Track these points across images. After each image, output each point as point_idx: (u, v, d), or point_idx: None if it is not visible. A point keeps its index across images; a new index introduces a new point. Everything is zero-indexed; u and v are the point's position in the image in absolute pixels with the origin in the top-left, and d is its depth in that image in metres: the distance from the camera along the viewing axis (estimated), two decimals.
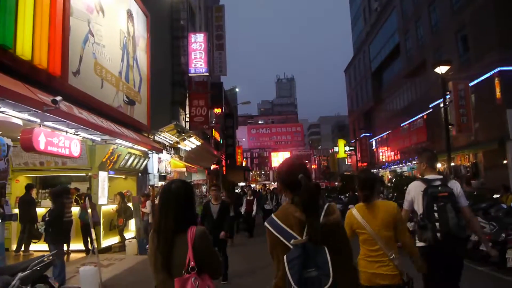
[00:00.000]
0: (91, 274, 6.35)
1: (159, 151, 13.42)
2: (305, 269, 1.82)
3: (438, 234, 3.50)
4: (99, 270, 6.45)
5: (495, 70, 18.88)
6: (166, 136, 15.80)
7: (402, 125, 34.04)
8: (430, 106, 26.76)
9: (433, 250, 3.58)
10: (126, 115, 11.55)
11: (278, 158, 75.25)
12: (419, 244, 3.68)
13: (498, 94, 18.60)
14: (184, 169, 16.75)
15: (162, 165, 15.30)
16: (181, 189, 2.33)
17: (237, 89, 59.09)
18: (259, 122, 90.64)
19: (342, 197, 26.77)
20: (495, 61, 18.89)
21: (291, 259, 1.84)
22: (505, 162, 18.48)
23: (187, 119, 20.68)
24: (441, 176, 3.84)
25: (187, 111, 20.90)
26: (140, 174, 13.85)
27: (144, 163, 12.92)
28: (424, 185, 3.72)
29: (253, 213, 13.15)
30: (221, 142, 36.30)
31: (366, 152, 41.91)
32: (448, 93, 13.62)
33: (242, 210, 13.27)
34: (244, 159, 64.74)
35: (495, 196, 10.65)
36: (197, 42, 20.98)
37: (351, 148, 43.31)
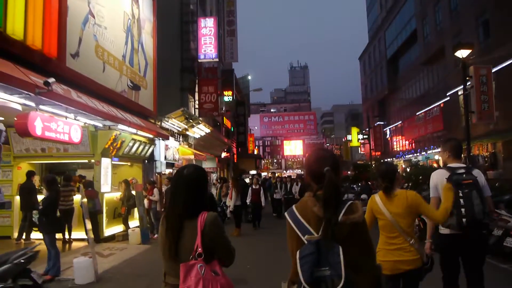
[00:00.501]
0: (85, 265, 6.03)
1: (165, 137, 13.05)
2: (318, 267, 1.75)
3: (464, 220, 3.47)
4: (93, 262, 6.12)
5: None
6: (174, 123, 15.43)
7: (417, 113, 33.14)
8: (447, 94, 25.94)
9: (458, 237, 3.57)
10: (131, 101, 11.19)
11: (290, 147, 74.79)
12: (443, 231, 3.70)
13: None
14: (192, 157, 16.39)
15: (170, 152, 14.97)
16: (193, 175, 2.28)
17: (249, 77, 58.42)
18: (272, 110, 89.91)
19: (354, 186, 26.25)
20: None
21: (303, 256, 1.78)
22: None
23: (197, 106, 20.30)
24: (464, 165, 3.77)
25: (196, 97, 20.50)
26: (146, 161, 13.55)
27: (150, 150, 12.58)
28: (448, 173, 3.66)
29: (262, 204, 12.14)
30: (232, 129, 35.89)
31: (380, 140, 41.03)
32: (468, 78, 12.86)
33: (248, 200, 12.06)
34: (256, 147, 64.38)
35: None
36: (207, 27, 20.45)
37: (364, 136, 42.46)
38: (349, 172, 47.89)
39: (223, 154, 30.49)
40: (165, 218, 2.25)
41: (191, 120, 15.54)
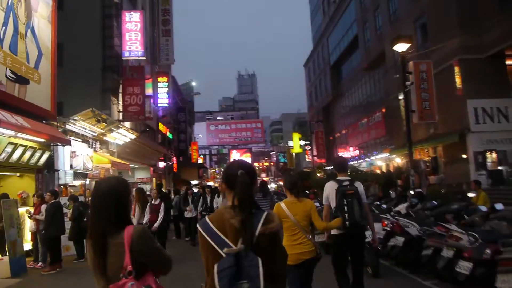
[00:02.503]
0: None
1: (65, 142, 10.88)
2: (237, 280, 1.72)
3: (347, 223, 4.41)
4: None
5: (455, 59, 17.69)
6: (85, 126, 13.27)
7: (360, 119, 32.86)
8: (388, 99, 25.62)
9: (343, 236, 4.55)
10: (11, 95, 9.01)
11: (237, 155, 73.32)
12: (334, 232, 4.63)
13: (458, 84, 17.39)
14: (109, 166, 14.23)
15: (78, 160, 12.76)
16: (112, 187, 2.15)
17: (193, 83, 56.54)
18: (218, 118, 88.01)
19: None
20: (455, 50, 17.71)
21: (221, 269, 1.74)
22: (465, 156, 17.32)
23: (121, 109, 18.13)
24: (349, 178, 4.75)
25: (120, 99, 18.34)
26: (46, 171, 11.32)
27: (44, 157, 10.38)
28: (337, 185, 4.58)
29: (156, 224, 8.33)
30: (171, 137, 33.65)
31: (322, 147, 40.21)
32: (408, 75, 11.83)
33: (145, 219, 8.52)
34: (201, 156, 62.21)
35: (470, 195, 8.87)
36: (132, 22, 18.40)
37: (306, 142, 41.73)
38: None
39: (161, 164, 28.29)
40: (88, 236, 2.12)
41: (105, 123, 13.43)
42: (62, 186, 12.33)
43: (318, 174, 29.71)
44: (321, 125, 41.44)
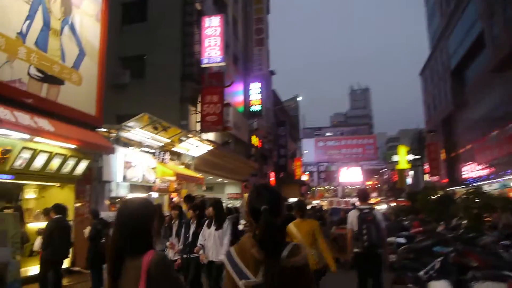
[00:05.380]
0: None
1: (106, 150, 9.73)
2: None
3: (366, 244, 5.58)
4: None
5: None
6: (146, 135, 12.21)
7: (491, 131, 27.24)
8: None
9: (362, 254, 5.69)
10: (34, 95, 8.07)
11: (347, 173, 69.03)
12: (355, 250, 5.80)
13: None
14: (173, 178, 12.94)
15: (135, 171, 11.67)
16: (136, 210, 2.06)
17: (299, 98, 54.87)
18: (327, 134, 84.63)
19: (406, 221, 20.82)
20: None
21: None
22: None
23: (199, 119, 17.06)
24: (369, 206, 5.98)
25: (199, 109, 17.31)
26: (99, 182, 10.40)
27: (82, 167, 9.31)
28: (358, 212, 5.83)
29: None
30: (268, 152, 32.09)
31: (436, 162, 33.77)
32: None
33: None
34: (307, 173, 59.85)
35: None
36: (212, 27, 17.37)
37: (415, 157, 35.99)
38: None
39: (253, 180, 26.85)
40: (108, 257, 2.02)
41: (164, 130, 12.19)
42: (118, 200, 11.34)
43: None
44: (436, 137, 35.49)
